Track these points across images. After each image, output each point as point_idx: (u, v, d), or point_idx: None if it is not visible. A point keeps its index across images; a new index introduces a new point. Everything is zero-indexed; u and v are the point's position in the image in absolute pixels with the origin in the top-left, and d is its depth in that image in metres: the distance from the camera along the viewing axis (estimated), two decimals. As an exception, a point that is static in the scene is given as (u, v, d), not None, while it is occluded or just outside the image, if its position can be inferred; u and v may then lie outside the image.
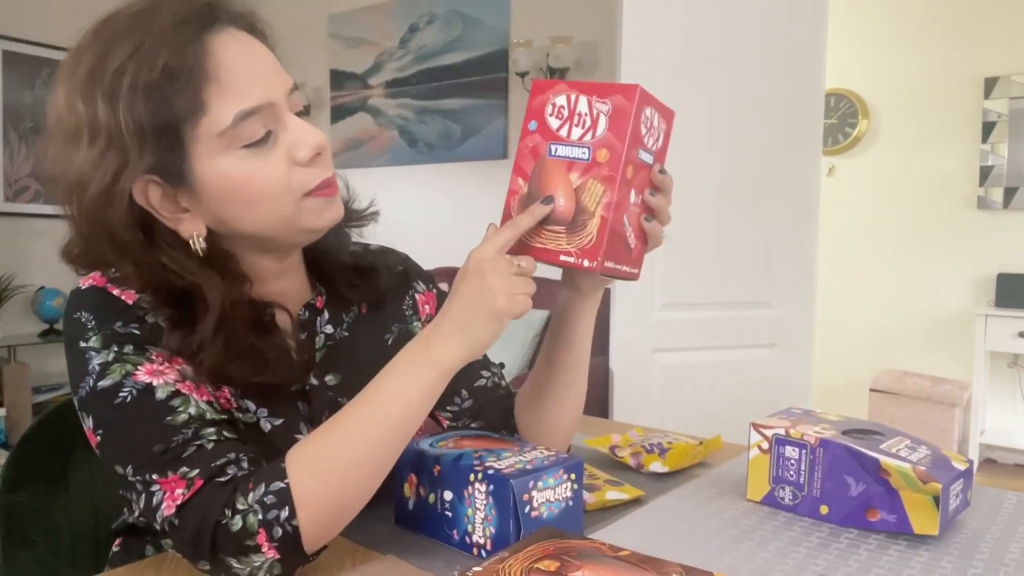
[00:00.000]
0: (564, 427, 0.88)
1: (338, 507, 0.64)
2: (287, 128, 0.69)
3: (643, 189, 0.72)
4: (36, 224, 3.91)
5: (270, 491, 0.61)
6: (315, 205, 0.71)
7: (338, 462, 0.64)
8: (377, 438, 0.65)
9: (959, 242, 3.84)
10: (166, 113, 0.63)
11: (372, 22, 4.10)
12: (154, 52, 0.62)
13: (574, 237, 0.69)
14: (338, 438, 0.65)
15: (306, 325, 0.79)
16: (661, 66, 2.25)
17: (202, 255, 0.69)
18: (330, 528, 0.64)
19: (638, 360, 2.32)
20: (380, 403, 0.66)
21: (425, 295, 0.93)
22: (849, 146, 4.16)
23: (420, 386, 0.66)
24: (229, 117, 0.64)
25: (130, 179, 0.64)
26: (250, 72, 0.66)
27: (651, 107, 0.70)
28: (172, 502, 0.62)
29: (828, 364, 4.06)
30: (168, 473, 0.62)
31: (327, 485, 0.63)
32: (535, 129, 0.72)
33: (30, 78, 3.91)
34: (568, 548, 0.56)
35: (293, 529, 0.61)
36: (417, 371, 0.66)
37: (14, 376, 3.51)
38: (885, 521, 0.72)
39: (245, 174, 0.66)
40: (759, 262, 2.41)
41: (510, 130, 3.61)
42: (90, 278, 0.70)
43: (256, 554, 0.61)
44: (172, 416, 0.64)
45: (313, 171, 0.70)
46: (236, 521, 0.61)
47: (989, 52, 3.72)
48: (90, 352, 0.66)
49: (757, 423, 0.82)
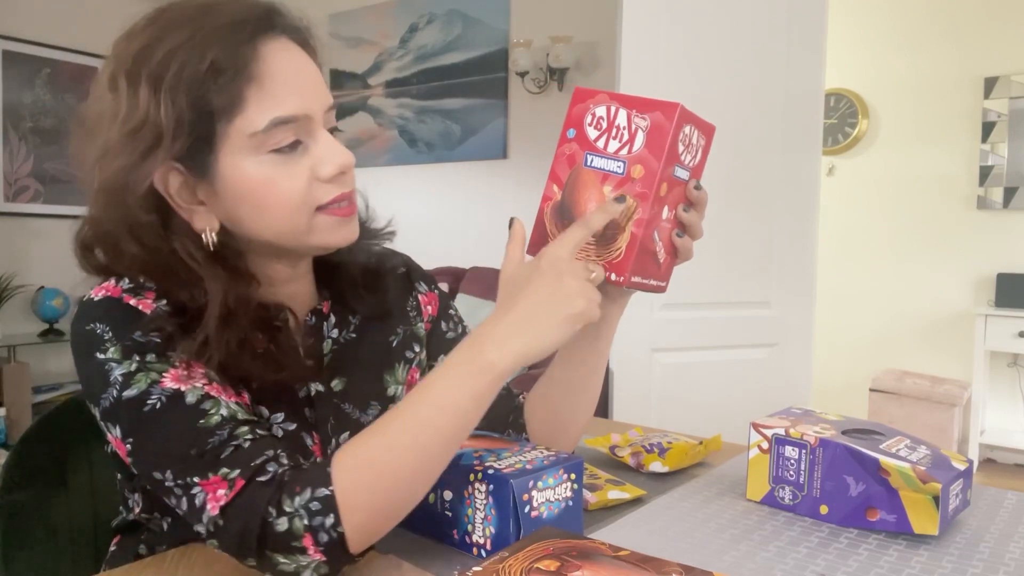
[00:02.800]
0: (574, 427, 0.88)
1: (385, 515, 0.63)
2: (317, 143, 0.69)
3: (676, 205, 0.72)
4: (36, 224, 3.91)
5: (315, 497, 0.60)
6: (328, 222, 0.71)
7: (385, 471, 0.62)
8: (426, 447, 0.63)
9: (959, 242, 3.84)
10: (205, 106, 0.64)
11: (372, 22, 4.10)
12: (205, 46, 0.64)
13: (603, 250, 0.69)
14: (386, 445, 0.63)
15: (313, 330, 0.80)
16: (661, 66, 2.25)
17: (212, 249, 0.69)
18: (376, 533, 0.63)
19: (638, 360, 2.32)
20: (429, 410, 0.63)
21: (428, 296, 0.93)
22: (849, 146, 4.16)
23: (472, 392, 0.63)
24: (264, 121, 0.65)
25: (156, 161, 0.65)
26: (294, 82, 0.68)
27: (691, 124, 0.70)
28: (216, 503, 0.62)
29: (828, 364, 4.06)
30: (209, 475, 0.62)
31: (373, 496, 0.62)
32: (573, 137, 0.72)
33: (30, 78, 3.91)
34: (568, 548, 0.56)
35: (339, 535, 0.60)
36: (469, 375, 0.64)
37: (14, 376, 3.52)
38: (885, 521, 0.72)
39: (266, 179, 0.67)
40: (759, 262, 2.41)
41: (510, 130, 3.61)
42: (103, 288, 0.69)
43: (302, 555, 0.61)
44: (205, 419, 0.64)
45: (331, 187, 0.70)
46: (282, 522, 0.60)
47: (989, 52, 3.73)
48: (110, 364, 0.65)
49: (757, 423, 0.82)
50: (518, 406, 0.92)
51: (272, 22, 0.69)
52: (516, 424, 0.90)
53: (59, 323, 3.88)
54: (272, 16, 0.69)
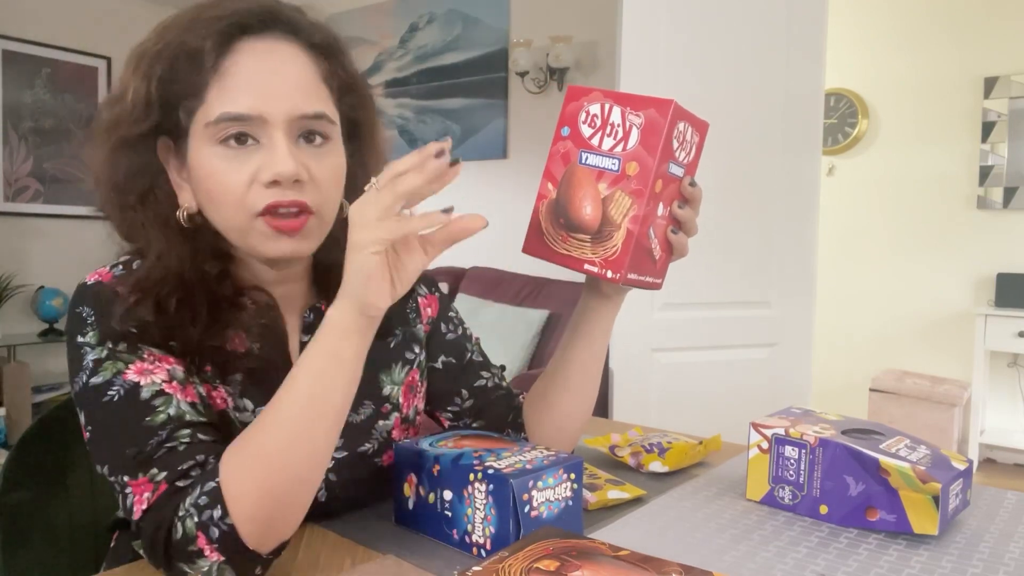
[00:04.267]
0: (573, 427, 0.88)
1: (272, 499, 0.61)
2: (267, 147, 0.69)
3: (671, 201, 0.73)
4: (36, 224, 3.90)
5: (204, 492, 0.61)
6: (265, 231, 0.69)
7: (262, 452, 0.61)
8: (294, 419, 0.62)
9: (959, 242, 3.84)
10: (171, 91, 0.69)
11: (372, 22, 4.10)
12: (191, 35, 0.68)
13: (599, 247, 0.69)
14: (260, 428, 0.63)
15: (310, 328, 0.80)
16: (661, 66, 2.25)
17: (184, 225, 0.72)
18: (270, 522, 0.61)
19: (638, 360, 2.32)
20: (291, 384, 0.63)
21: (427, 298, 0.93)
22: (849, 146, 4.16)
23: (324, 350, 0.62)
24: (215, 113, 0.68)
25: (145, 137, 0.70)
26: (255, 83, 0.69)
27: (685, 121, 0.70)
28: (139, 506, 0.63)
29: (828, 364, 4.06)
30: (139, 475, 0.63)
31: (254, 478, 0.61)
32: (568, 135, 0.72)
33: (30, 78, 3.91)
34: (568, 548, 0.56)
35: (229, 527, 0.60)
36: (319, 336, 0.63)
37: (14, 376, 3.52)
38: (885, 521, 0.72)
39: (214, 170, 0.69)
40: (759, 262, 2.41)
41: (510, 130, 3.61)
42: (96, 273, 0.72)
43: (201, 559, 0.60)
44: (152, 416, 0.65)
45: (267, 192, 0.68)
46: (177, 527, 0.60)
47: (989, 52, 3.72)
48: (86, 348, 0.68)
49: (757, 423, 0.82)
50: (517, 406, 0.92)
51: (267, 24, 0.70)
52: (515, 424, 0.90)
53: (59, 323, 3.87)
54: (270, 17, 0.71)
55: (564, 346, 0.86)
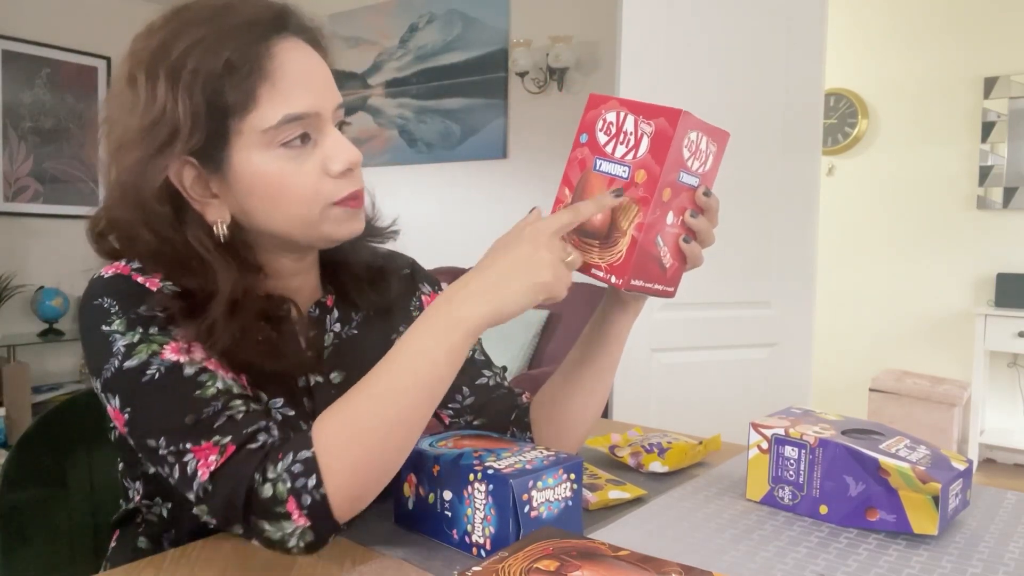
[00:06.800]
0: (581, 428, 0.89)
1: (367, 474, 0.64)
2: (327, 139, 0.72)
3: (684, 210, 0.73)
4: (36, 224, 3.90)
5: (297, 460, 0.62)
6: (339, 215, 0.73)
7: (363, 428, 0.63)
8: (402, 401, 0.64)
9: (959, 242, 3.84)
10: (220, 102, 0.67)
11: (372, 22, 4.10)
12: (221, 44, 0.67)
13: (605, 252, 0.71)
14: (363, 404, 0.64)
15: (316, 322, 0.81)
16: (661, 66, 2.25)
17: (223, 241, 0.71)
18: (360, 495, 0.64)
19: (638, 360, 2.32)
20: (404, 366, 0.65)
21: (431, 296, 0.95)
22: (849, 146, 4.16)
23: (445, 346, 0.64)
24: (276, 117, 0.68)
25: (172, 155, 0.67)
26: (305, 80, 0.70)
27: (698, 131, 0.70)
28: (206, 468, 0.63)
29: (828, 364, 4.06)
30: (201, 441, 0.64)
31: (353, 453, 0.63)
32: (585, 142, 0.73)
33: (30, 78, 3.92)
34: (568, 548, 0.56)
35: (321, 497, 0.61)
36: (442, 331, 0.65)
37: (14, 376, 3.52)
38: (884, 521, 0.72)
39: (278, 173, 0.70)
40: (759, 262, 2.41)
41: (510, 130, 3.61)
42: (113, 267, 0.71)
43: (287, 521, 0.62)
44: (201, 390, 0.65)
45: (342, 183, 0.73)
46: (267, 488, 0.62)
47: (989, 52, 3.73)
48: (114, 335, 0.67)
49: (756, 423, 0.82)
50: (521, 405, 0.92)
51: (285, 22, 0.72)
52: (520, 423, 0.91)
53: (59, 323, 3.87)
54: (284, 17, 0.72)
55: (579, 349, 0.87)
